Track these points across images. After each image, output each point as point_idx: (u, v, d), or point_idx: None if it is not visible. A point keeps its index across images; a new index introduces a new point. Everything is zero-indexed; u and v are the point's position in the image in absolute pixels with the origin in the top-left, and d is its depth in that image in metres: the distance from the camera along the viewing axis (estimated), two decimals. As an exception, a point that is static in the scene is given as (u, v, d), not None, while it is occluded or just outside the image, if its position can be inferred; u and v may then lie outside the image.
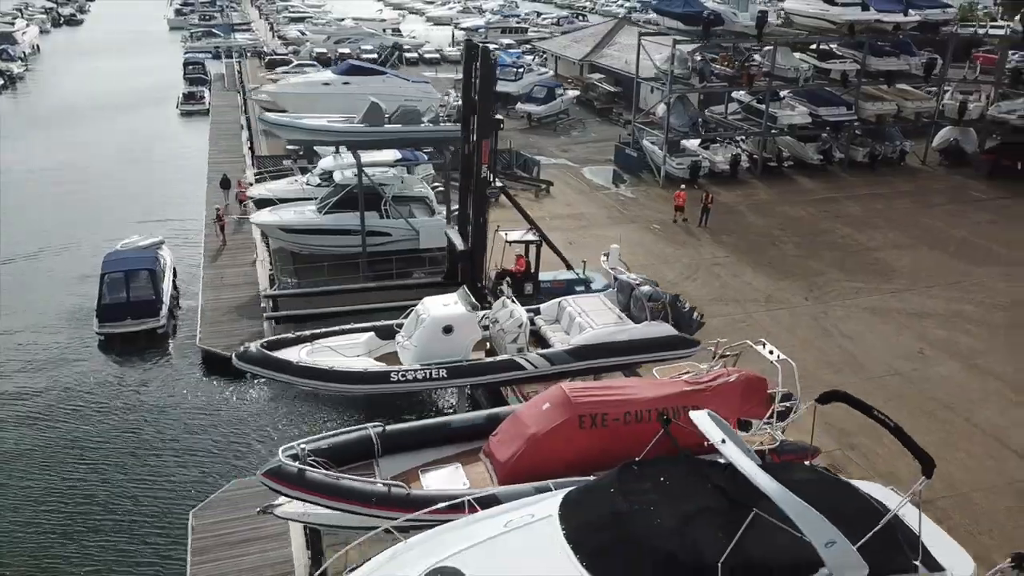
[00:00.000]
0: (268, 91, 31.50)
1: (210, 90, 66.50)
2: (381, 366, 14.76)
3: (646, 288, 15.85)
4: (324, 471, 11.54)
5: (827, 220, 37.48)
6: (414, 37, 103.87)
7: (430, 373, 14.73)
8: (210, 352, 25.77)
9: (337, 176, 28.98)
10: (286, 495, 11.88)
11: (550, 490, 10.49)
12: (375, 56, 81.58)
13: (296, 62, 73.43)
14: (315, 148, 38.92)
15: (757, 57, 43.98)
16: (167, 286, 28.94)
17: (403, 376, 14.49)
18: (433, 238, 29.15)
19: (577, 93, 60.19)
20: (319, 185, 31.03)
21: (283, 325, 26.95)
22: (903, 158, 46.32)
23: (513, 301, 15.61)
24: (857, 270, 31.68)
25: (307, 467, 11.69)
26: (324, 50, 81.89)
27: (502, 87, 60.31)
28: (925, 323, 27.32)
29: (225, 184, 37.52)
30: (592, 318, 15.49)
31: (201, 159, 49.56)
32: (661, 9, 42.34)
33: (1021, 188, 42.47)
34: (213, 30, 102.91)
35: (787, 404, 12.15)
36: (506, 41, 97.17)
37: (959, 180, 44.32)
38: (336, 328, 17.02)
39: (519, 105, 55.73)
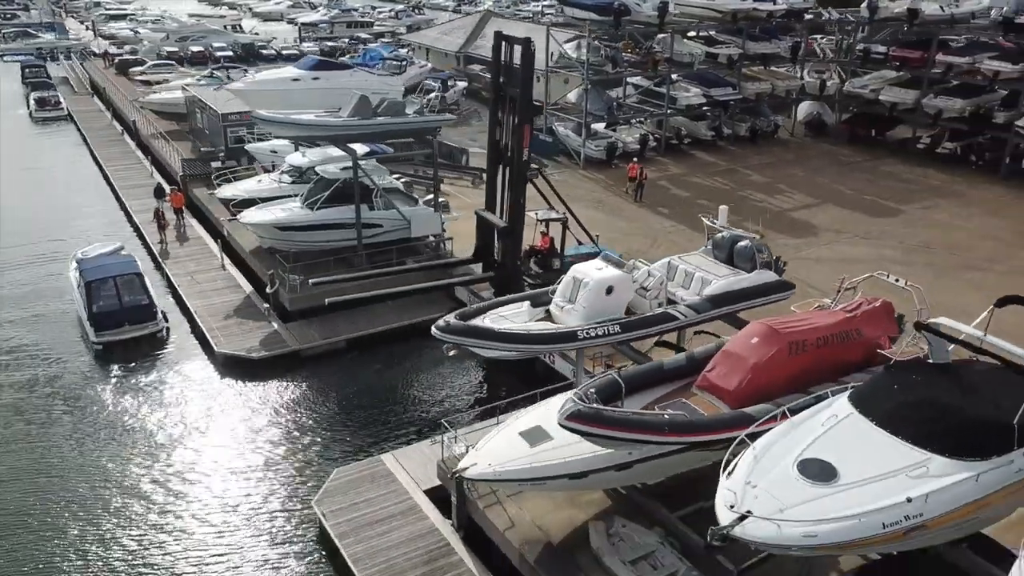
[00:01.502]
0: (234, 89, 30.50)
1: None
2: (565, 327, 15.95)
3: (748, 242, 18.22)
4: (612, 408, 12.88)
5: (740, 188, 41.79)
6: (256, 34, 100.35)
7: (607, 329, 16.13)
8: (234, 356, 25.39)
9: (324, 171, 28.94)
10: (588, 434, 12.96)
11: (777, 408, 12.53)
12: (231, 54, 79.18)
13: (152, 62, 69.50)
14: (246, 148, 38.46)
15: (655, 45, 47.59)
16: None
17: (587, 334, 15.82)
18: (424, 226, 29.97)
19: (466, 84, 61.63)
20: (295, 182, 30.75)
21: (295, 323, 27.04)
22: (776, 131, 52.01)
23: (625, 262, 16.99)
24: (786, 229, 35.87)
25: (602, 407, 13.03)
26: (175, 49, 77.78)
27: (386, 81, 60.87)
28: (861, 267, 31.63)
29: (159, 193, 35.94)
30: (711, 271, 17.58)
31: (85, 168, 46.56)
32: (572, 1, 44.79)
33: (878, 151, 49.31)
34: (29, 30, 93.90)
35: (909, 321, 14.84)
36: (364, 35, 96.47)
37: (827, 147, 50.55)
38: (497, 300, 17.81)
39: (411, 97, 56.46)
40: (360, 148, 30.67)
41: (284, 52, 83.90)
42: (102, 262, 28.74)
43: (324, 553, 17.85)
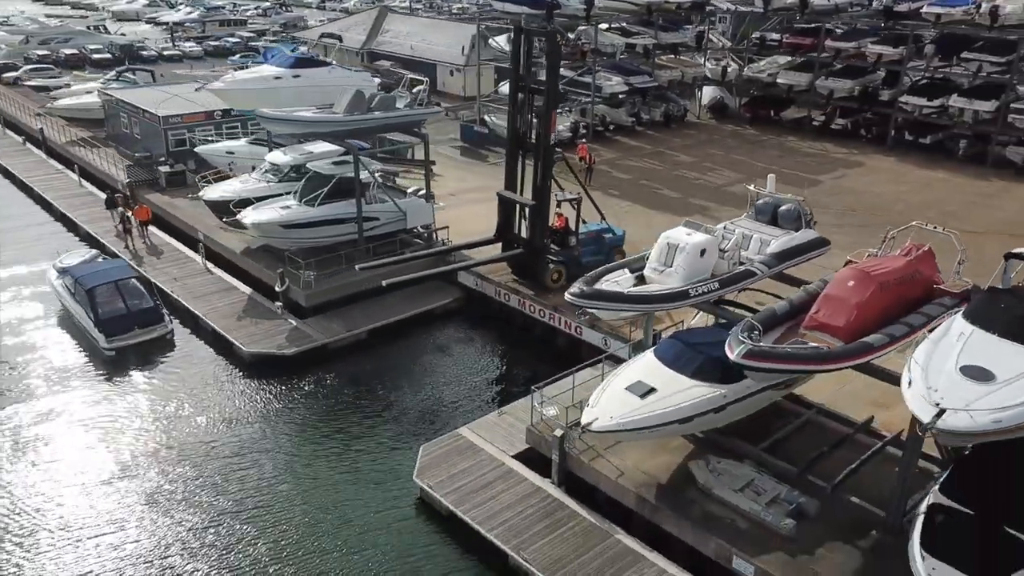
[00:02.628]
0: (214, 88, 29.73)
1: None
2: (678, 287, 17.59)
3: (792, 205, 20.62)
4: (771, 345, 14.78)
5: (673, 169, 44.93)
6: (123, 35, 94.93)
7: (709, 287, 17.89)
8: (264, 355, 25.49)
9: (319, 168, 29.14)
10: (761, 368, 14.68)
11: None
12: (108, 56, 74.93)
13: (28, 67, 64.85)
14: (196, 150, 37.54)
15: (573, 36, 49.94)
16: None
17: (697, 291, 17.55)
18: (417, 217, 30.81)
19: (378, 80, 61.64)
20: (281, 180, 30.64)
21: (312, 319, 27.28)
22: (685, 115, 55.81)
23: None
24: (727, 201, 39.08)
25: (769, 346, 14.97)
26: (47, 52, 72.69)
27: (296, 79, 60.14)
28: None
29: (111, 204, 34.60)
30: (767, 232, 19.78)
31: None
32: (503, -5, 46.36)
33: (778, 130, 53.98)
34: None
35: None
36: (246, 34, 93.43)
37: (732, 128, 54.80)
38: (603, 268, 19.07)
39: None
40: (335, 145, 31.19)
41: (166, 53, 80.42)
42: (95, 268, 27.91)
43: (438, 521, 18.80)
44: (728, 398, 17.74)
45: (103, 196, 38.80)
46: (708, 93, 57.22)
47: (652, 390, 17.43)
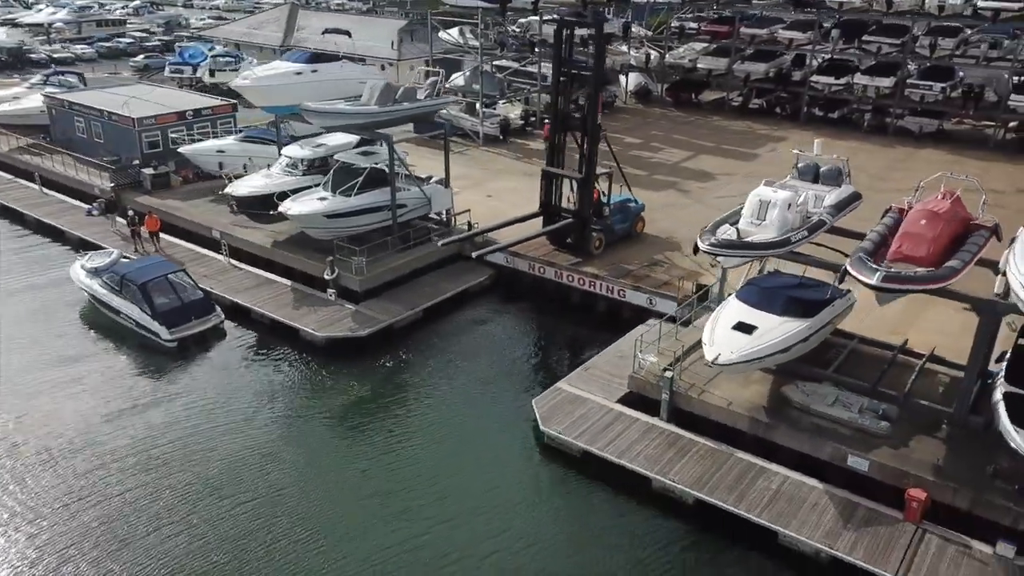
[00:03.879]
0: (240, 85, 29.67)
1: None
2: (778, 236, 20.25)
3: (833, 165, 23.96)
4: (902, 271, 17.97)
5: (627, 150, 48.15)
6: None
7: (801, 234, 20.70)
8: (338, 338, 26.61)
9: (350, 160, 30.18)
10: (896, 290, 17.69)
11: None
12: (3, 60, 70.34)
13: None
14: (181, 150, 37.24)
15: (520, 28, 52.33)
16: None
17: (794, 239, 20.37)
18: (440, 202, 32.45)
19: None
20: (306, 173, 31.37)
21: (366, 303, 28.50)
22: (615, 100, 59.53)
23: None
24: (690, 177, 42.94)
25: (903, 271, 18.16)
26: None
27: (224, 78, 59.64)
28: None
29: (111, 208, 34.19)
30: (817, 189, 22.95)
31: None
32: (459, -9, 48.00)
33: (701, 111, 58.78)
34: None
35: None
36: (138, 33, 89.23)
37: (660, 111, 59.04)
38: (713, 224, 21.41)
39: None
40: (350, 137, 32.37)
41: (56, 57, 75.97)
42: (140, 265, 28.44)
43: (571, 462, 21.03)
44: (812, 329, 21.04)
45: (72, 203, 38.00)
46: (633, 80, 61.18)
47: (754, 327, 20.41)
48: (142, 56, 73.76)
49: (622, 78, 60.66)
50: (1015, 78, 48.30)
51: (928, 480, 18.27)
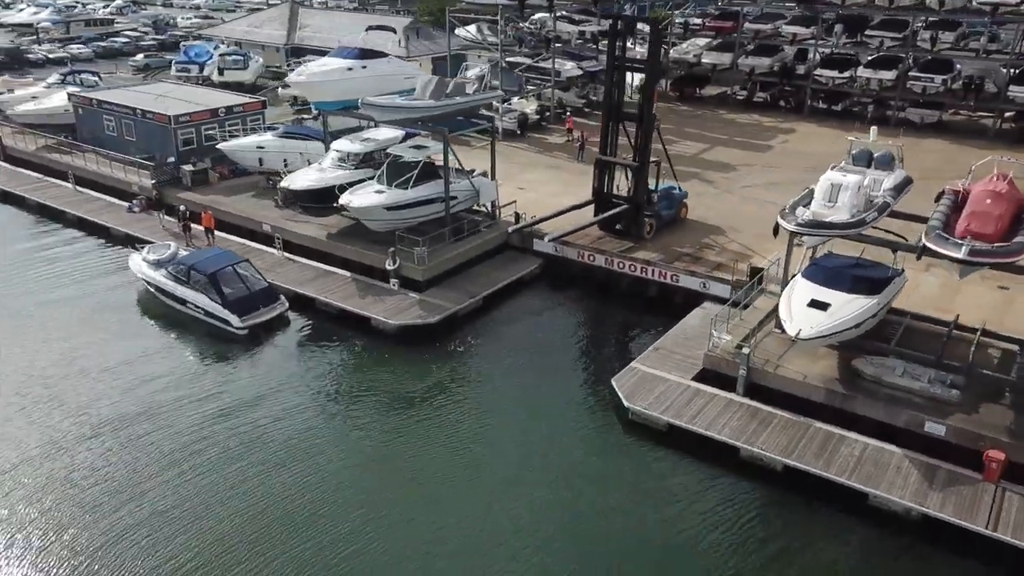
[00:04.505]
0: (295, 81, 30.22)
1: None
2: (855, 217, 21.43)
3: (887, 151, 25.20)
4: (986, 244, 19.46)
5: (643, 142, 49.46)
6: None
7: (872, 216, 21.92)
8: (410, 325, 27.47)
9: (402, 153, 30.95)
10: (982, 263, 19.24)
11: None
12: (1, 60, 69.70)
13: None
14: (219, 147, 37.63)
15: (535, 25, 53.28)
16: None
17: (868, 219, 21.63)
18: (487, 194, 33.33)
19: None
20: (357, 167, 32.02)
21: (428, 291, 29.31)
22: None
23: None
24: (710, 168, 44.24)
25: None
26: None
27: (233, 76, 59.99)
28: (796, 186, 40.84)
29: (151, 205, 34.78)
30: (877, 173, 24.21)
31: None
32: (477, -11, 48.84)
33: (706, 105, 60.17)
34: None
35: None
36: (132, 33, 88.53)
37: (667, 106, 60.23)
38: (788, 209, 22.56)
39: (280, 91, 56.09)
40: (396, 131, 33.15)
41: (52, 57, 75.32)
42: (205, 255, 29.15)
43: (657, 436, 22.12)
44: (879, 305, 22.38)
45: (109, 200, 38.29)
46: (639, 75, 62.27)
47: (828, 304, 21.66)
48: (142, 55, 73.40)
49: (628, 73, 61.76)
50: (1011, 70, 50.37)
51: (1004, 442, 19.64)
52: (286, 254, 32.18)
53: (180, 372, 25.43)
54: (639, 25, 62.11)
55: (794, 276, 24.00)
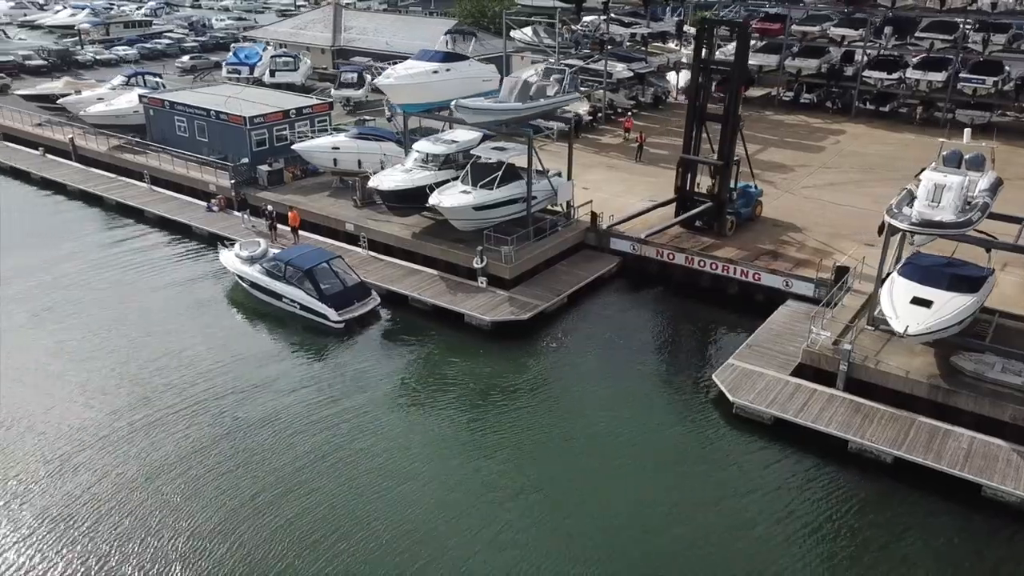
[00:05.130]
0: (382, 83, 31.05)
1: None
2: (953, 216, 22.10)
3: (978, 153, 25.79)
4: None
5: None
6: (22, 39, 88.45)
7: (976, 215, 22.53)
8: (503, 321, 28.19)
9: (485, 154, 31.71)
10: None
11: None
12: (43, 63, 70.77)
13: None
14: (294, 147, 38.47)
15: (588, 27, 53.96)
16: None
17: (974, 219, 22.30)
18: (564, 193, 34.06)
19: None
20: (441, 168, 32.75)
21: (514, 289, 30.03)
22: (667, 96, 61.38)
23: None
24: (768, 168, 44.60)
25: None
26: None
27: (284, 78, 60.90)
28: (853, 185, 41.48)
29: (244, 205, 35.92)
30: (972, 175, 24.83)
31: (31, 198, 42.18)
32: (533, -9, 49.56)
33: (752, 106, 60.58)
34: None
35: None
36: (177, 32, 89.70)
37: (715, 108, 60.71)
38: (893, 210, 23.30)
39: (334, 92, 56.97)
40: (478, 134, 33.86)
41: (100, 58, 76.46)
42: (299, 252, 30.20)
43: (763, 429, 22.79)
44: (979, 303, 22.99)
45: (185, 199, 39.25)
46: (684, 76, 62.93)
47: (930, 302, 22.29)
48: (187, 57, 74.42)
49: (672, 75, 62.49)
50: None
51: (1110, 434, 20.24)
52: (371, 252, 33.02)
53: (283, 362, 26.56)
54: (687, 28, 63.33)
55: (889, 274, 24.62)
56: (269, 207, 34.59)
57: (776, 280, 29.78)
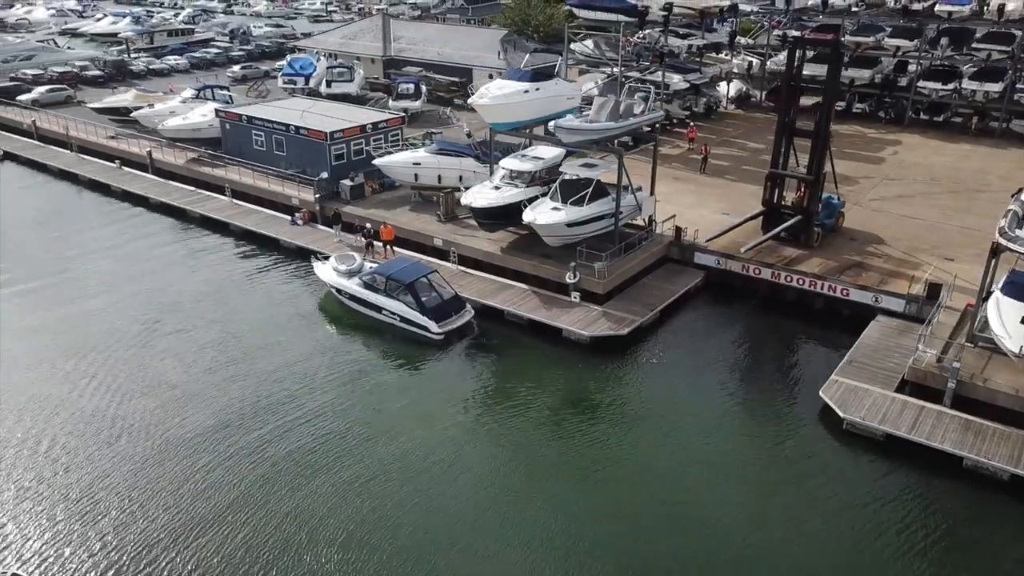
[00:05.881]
0: (477, 103, 31.93)
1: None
2: None
3: None
4: None
5: (756, 154, 50.59)
6: (70, 48, 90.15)
7: None
8: (601, 336, 28.98)
9: (574, 172, 32.50)
10: None
11: None
12: (100, 73, 72.20)
13: (47, 88, 62.06)
14: (375, 163, 39.42)
15: (645, 39, 54.69)
16: None
17: None
18: (648, 208, 34.80)
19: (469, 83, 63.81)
20: (529, 184, 33.55)
21: (608, 304, 30.78)
22: (718, 106, 61.98)
23: None
24: (830, 180, 45.34)
25: None
26: (41, 71, 68.86)
27: (339, 88, 61.82)
28: (923, 198, 41.97)
29: (336, 220, 37.02)
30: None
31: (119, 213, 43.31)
32: (595, 5, 50.27)
33: (803, 115, 60.91)
34: None
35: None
36: (217, 44, 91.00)
37: (764, 116, 61.29)
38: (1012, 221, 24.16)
39: (391, 103, 57.85)
40: (558, 149, 34.63)
41: (152, 68, 77.85)
42: (399, 266, 31.19)
43: (874, 444, 23.49)
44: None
45: (268, 212, 40.27)
46: (735, 86, 63.61)
47: (1035, 318, 22.95)
48: (238, 67, 75.62)
49: (723, 84, 63.08)
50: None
51: None
52: (461, 267, 33.90)
53: (389, 370, 27.94)
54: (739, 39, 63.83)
55: (991, 293, 25.24)
56: (368, 225, 35.58)
57: (865, 296, 30.41)
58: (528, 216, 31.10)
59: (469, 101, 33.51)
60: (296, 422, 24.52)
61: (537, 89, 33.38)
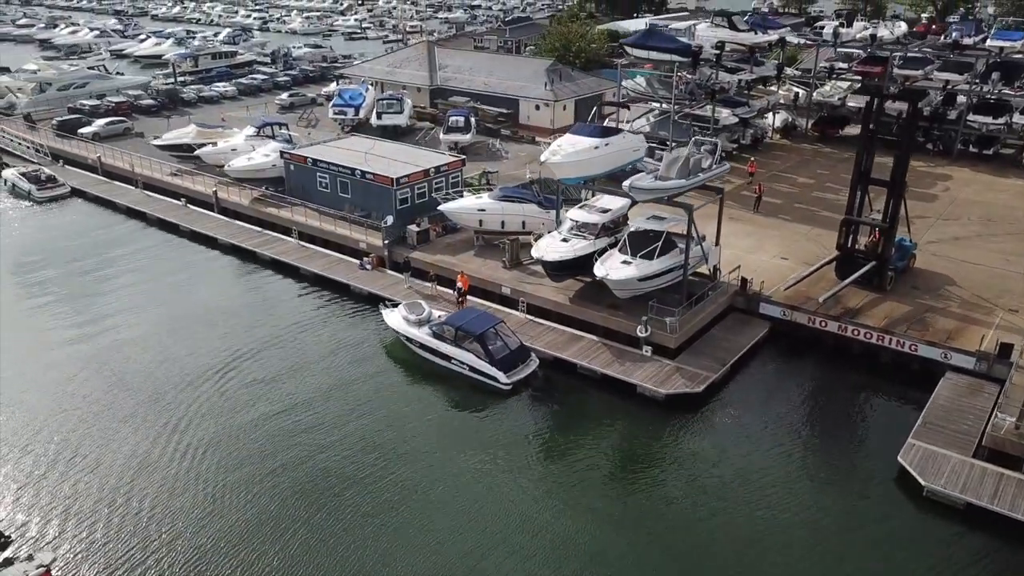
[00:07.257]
0: (551, 161, 32.88)
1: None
2: None
3: None
4: None
5: (809, 190, 50.99)
6: (120, 74, 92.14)
7: None
8: (676, 394, 29.66)
9: (644, 226, 33.28)
10: None
11: None
12: (153, 102, 73.99)
13: (106, 121, 63.84)
14: (440, 208, 40.44)
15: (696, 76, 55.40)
16: None
17: None
18: (713, 258, 35.49)
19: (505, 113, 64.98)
20: (599, 236, 34.33)
21: (679, 357, 31.46)
22: (764, 137, 62.43)
23: None
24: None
25: None
26: (97, 101, 70.72)
27: (390, 120, 62.95)
28: (980, 238, 42.29)
29: (407, 266, 38.23)
30: None
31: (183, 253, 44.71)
32: (650, 45, 51.06)
33: (848, 146, 61.27)
34: None
35: None
36: (264, 69, 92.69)
37: (811, 147, 61.78)
38: None
39: (442, 136, 58.89)
40: (622, 200, 35.33)
41: (203, 95, 79.62)
42: (468, 317, 32.29)
43: (956, 514, 24.01)
44: None
45: (335, 256, 41.39)
46: (780, 117, 64.07)
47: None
48: (286, 95, 77.05)
49: (769, 115, 63.52)
50: None
51: None
52: (529, 316, 34.78)
53: (461, 420, 29.23)
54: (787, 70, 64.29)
55: (1064, 357, 25.72)
56: (436, 277, 36.73)
57: (934, 352, 30.85)
58: (600, 271, 31.93)
59: (541, 159, 34.38)
60: (372, 467, 26.16)
61: (607, 144, 34.26)
